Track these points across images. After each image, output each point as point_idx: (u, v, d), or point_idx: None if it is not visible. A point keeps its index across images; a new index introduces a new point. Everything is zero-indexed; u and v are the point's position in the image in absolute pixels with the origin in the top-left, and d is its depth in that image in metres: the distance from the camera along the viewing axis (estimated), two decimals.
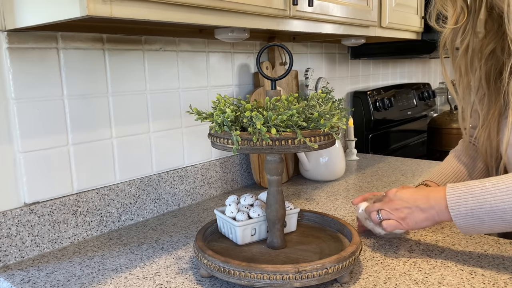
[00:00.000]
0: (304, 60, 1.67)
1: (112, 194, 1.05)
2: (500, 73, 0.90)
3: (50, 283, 0.80)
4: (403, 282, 0.76)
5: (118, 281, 0.80)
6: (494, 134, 0.92)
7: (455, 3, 0.90)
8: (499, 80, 0.89)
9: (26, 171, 0.91)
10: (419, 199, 0.82)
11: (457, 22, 0.90)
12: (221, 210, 0.88)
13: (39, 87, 0.91)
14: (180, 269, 0.84)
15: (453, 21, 0.91)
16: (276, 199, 0.80)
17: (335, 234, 0.89)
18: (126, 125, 1.08)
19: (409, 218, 0.83)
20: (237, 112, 0.73)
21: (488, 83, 0.93)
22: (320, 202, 1.23)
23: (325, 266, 0.71)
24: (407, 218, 0.83)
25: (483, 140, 0.95)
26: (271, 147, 0.71)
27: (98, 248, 0.95)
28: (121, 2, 0.68)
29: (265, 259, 0.79)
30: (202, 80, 1.26)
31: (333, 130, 0.74)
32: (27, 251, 0.91)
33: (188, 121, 1.23)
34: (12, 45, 0.87)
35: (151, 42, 1.12)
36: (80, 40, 0.97)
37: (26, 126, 0.90)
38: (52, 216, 0.94)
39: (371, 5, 1.34)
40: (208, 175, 1.29)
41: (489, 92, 0.93)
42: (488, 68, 0.92)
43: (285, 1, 0.98)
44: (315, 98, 0.77)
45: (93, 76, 1.01)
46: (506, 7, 0.77)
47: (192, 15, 0.79)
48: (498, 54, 0.90)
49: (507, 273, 0.78)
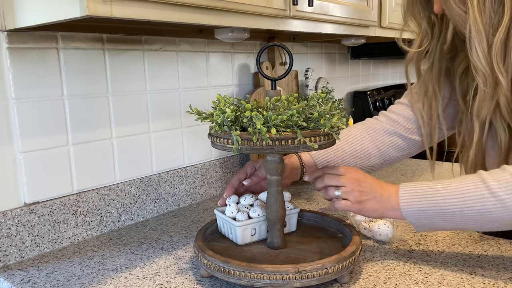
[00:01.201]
0: (304, 60, 1.67)
1: (112, 194, 1.05)
2: None
3: (50, 283, 0.80)
4: (403, 282, 0.76)
5: (118, 281, 0.80)
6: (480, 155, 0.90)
7: (419, 27, 0.91)
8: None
9: (26, 171, 0.91)
10: (379, 190, 0.81)
11: (421, 45, 0.91)
12: (221, 210, 0.88)
13: (39, 87, 0.91)
14: (180, 269, 0.84)
15: (417, 44, 0.92)
16: (276, 199, 0.80)
17: (335, 234, 0.89)
18: (126, 125, 1.08)
19: (367, 204, 0.81)
20: (237, 112, 0.73)
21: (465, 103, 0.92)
22: (320, 202, 1.23)
23: (325, 266, 0.71)
24: (364, 203, 0.81)
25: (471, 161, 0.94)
26: (271, 147, 0.71)
27: (98, 248, 0.95)
28: (121, 2, 0.68)
29: (265, 259, 0.79)
30: (202, 80, 1.26)
31: (333, 130, 0.74)
32: (27, 251, 0.91)
33: (188, 121, 1.23)
34: (12, 45, 0.87)
35: (151, 42, 1.12)
36: (80, 40, 0.97)
37: (26, 126, 0.90)
38: (52, 216, 0.94)
39: (371, 5, 1.34)
40: (208, 175, 1.29)
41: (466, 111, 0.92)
42: (464, 87, 0.92)
43: (285, 1, 0.98)
44: (315, 98, 0.77)
45: (93, 76, 1.01)
46: (468, 33, 0.77)
47: (192, 15, 0.79)
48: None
49: (507, 273, 0.78)
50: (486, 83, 0.78)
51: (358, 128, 1.04)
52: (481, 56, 0.77)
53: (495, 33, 0.75)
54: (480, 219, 0.73)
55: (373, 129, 1.03)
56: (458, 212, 0.74)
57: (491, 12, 0.75)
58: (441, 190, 0.76)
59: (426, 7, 0.90)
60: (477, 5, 0.75)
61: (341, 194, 0.82)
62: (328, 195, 0.83)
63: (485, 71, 0.77)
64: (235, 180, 0.94)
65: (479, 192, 0.72)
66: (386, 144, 1.02)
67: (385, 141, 1.02)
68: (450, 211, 0.75)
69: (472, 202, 0.73)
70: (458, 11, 0.79)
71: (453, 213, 0.74)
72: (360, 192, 0.81)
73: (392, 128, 1.02)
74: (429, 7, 0.89)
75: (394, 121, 1.02)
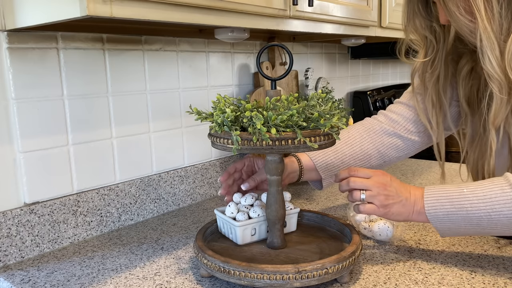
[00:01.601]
0: (304, 60, 1.67)
1: (112, 194, 1.05)
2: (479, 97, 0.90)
3: (50, 283, 0.80)
4: (403, 282, 0.76)
5: (118, 281, 0.80)
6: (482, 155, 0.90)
7: (424, 38, 0.91)
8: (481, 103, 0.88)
9: (26, 171, 0.91)
10: (405, 194, 0.80)
11: (427, 55, 0.91)
12: (221, 210, 0.88)
13: (39, 87, 0.91)
14: (180, 269, 0.84)
15: (423, 54, 0.91)
16: (276, 199, 0.80)
17: (335, 234, 0.89)
18: (126, 125, 1.08)
19: (392, 208, 0.80)
20: (237, 112, 0.73)
21: (470, 106, 0.92)
22: (320, 202, 1.23)
23: (325, 266, 0.71)
24: (389, 207, 0.80)
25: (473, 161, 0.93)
26: (271, 147, 0.71)
27: (98, 248, 0.95)
28: (121, 2, 0.68)
29: (265, 259, 0.79)
30: (202, 80, 1.26)
31: (333, 130, 0.74)
32: (27, 251, 0.91)
33: (188, 121, 1.23)
34: (12, 45, 0.87)
35: (151, 42, 1.12)
36: (80, 40, 0.97)
37: (26, 126, 0.90)
38: (52, 216, 0.94)
39: (371, 5, 1.34)
40: (208, 175, 1.29)
41: (472, 114, 0.92)
42: (468, 90, 0.92)
43: (285, 1, 0.98)
44: (315, 98, 0.77)
45: (93, 76, 1.01)
46: (478, 42, 0.76)
47: (192, 15, 0.79)
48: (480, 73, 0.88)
49: (507, 273, 0.78)
50: (502, 90, 0.77)
51: (357, 129, 1.04)
52: (494, 64, 0.75)
53: (507, 39, 0.74)
54: (508, 223, 0.72)
55: (372, 130, 1.03)
56: (485, 216, 0.73)
57: (500, 18, 0.74)
58: (468, 194, 0.75)
59: (426, 17, 0.89)
60: (485, 13, 0.73)
61: (366, 197, 0.80)
62: (353, 198, 0.82)
63: (500, 78, 0.76)
64: (232, 167, 0.95)
65: (507, 196, 0.72)
66: (385, 145, 1.02)
67: (385, 142, 1.02)
68: (476, 215, 0.74)
69: (499, 207, 0.72)
70: (465, 21, 0.77)
71: (479, 217, 0.74)
72: (386, 196, 0.80)
73: (392, 129, 1.02)
74: (430, 16, 0.89)
75: (394, 121, 1.02)
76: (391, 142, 1.02)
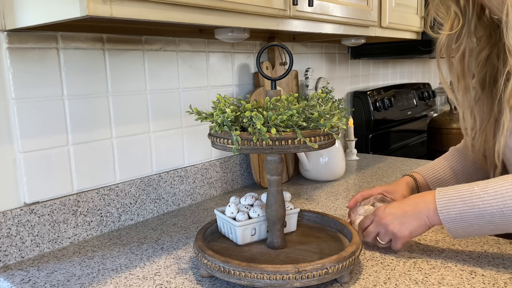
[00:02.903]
0: (304, 60, 1.67)
1: (112, 194, 1.05)
2: (495, 80, 0.90)
3: (50, 283, 0.80)
4: (403, 282, 0.76)
5: (118, 281, 0.80)
6: (490, 139, 0.92)
7: (449, 9, 0.90)
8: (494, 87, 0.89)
9: (26, 171, 0.91)
10: (408, 209, 0.83)
11: (452, 28, 0.90)
12: (221, 210, 0.88)
13: (39, 87, 0.91)
14: (180, 269, 0.84)
15: (448, 27, 0.91)
16: (276, 199, 0.80)
17: (335, 234, 0.89)
18: (126, 125, 1.08)
19: (408, 225, 0.82)
20: (237, 112, 0.73)
21: (483, 89, 0.93)
22: (320, 202, 1.23)
23: (325, 266, 0.71)
24: (405, 227, 0.83)
25: (480, 145, 0.94)
26: (271, 147, 0.71)
27: (98, 248, 0.95)
28: (121, 2, 0.68)
29: (265, 259, 0.79)
30: (202, 80, 1.26)
31: (333, 130, 0.74)
32: (27, 251, 0.91)
33: (188, 121, 1.23)
34: (12, 45, 0.87)
35: (151, 42, 1.12)
36: (80, 40, 0.97)
37: (26, 126, 0.90)
38: (52, 216, 0.94)
39: (371, 5, 1.34)
40: (208, 175, 1.29)
41: (483, 97, 0.93)
42: (483, 74, 0.92)
43: (285, 1, 0.98)
44: (315, 98, 0.77)
45: (93, 76, 1.01)
46: (504, 17, 0.77)
47: (192, 15, 0.79)
48: (494, 61, 0.90)
49: (507, 273, 0.78)
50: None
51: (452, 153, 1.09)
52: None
53: None
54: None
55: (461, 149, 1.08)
56: (497, 213, 0.73)
57: None
58: (479, 192, 0.75)
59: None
60: None
61: (382, 239, 0.86)
62: (381, 245, 0.88)
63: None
64: (360, 196, 1.00)
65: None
66: None
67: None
68: (489, 212, 0.74)
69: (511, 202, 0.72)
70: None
71: (492, 214, 0.74)
72: (391, 225, 0.83)
73: None
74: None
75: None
76: None
